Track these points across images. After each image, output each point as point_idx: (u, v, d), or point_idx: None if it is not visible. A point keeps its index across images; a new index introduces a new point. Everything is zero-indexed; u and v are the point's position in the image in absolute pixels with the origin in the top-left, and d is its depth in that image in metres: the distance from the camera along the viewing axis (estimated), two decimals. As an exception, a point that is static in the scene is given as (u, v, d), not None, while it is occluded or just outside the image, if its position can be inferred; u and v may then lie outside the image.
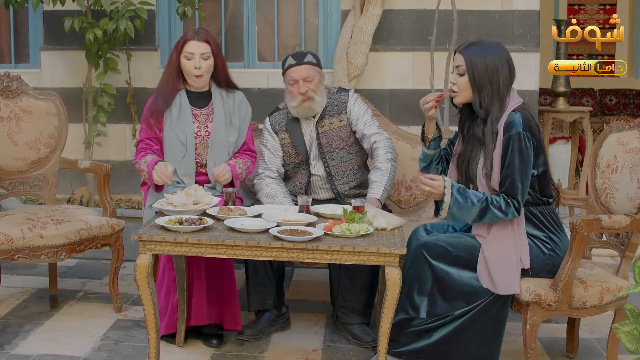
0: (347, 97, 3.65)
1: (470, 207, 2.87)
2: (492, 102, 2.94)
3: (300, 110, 3.55)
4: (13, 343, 3.39)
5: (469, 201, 2.87)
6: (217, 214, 3.09)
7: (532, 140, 2.89)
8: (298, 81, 3.50)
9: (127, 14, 4.82)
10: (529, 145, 2.88)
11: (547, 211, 3.00)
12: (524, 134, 2.87)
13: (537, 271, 2.96)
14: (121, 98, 5.23)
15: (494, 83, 2.92)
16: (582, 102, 9.03)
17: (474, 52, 2.95)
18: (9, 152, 3.97)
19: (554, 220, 3.01)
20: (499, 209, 2.86)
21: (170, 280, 3.36)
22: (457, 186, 2.90)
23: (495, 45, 3.01)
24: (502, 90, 2.94)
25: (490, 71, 2.92)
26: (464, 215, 2.91)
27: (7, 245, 3.45)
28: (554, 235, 2.98)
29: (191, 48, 3.51)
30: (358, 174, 3.67)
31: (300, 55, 3.55)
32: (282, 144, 3.66)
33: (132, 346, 3.38)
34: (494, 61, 2.93)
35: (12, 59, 5.65)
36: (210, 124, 3.60)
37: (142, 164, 3.48)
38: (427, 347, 2.99)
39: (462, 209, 2.88)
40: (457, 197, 2.87)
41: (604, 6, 9.54)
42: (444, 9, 4.84)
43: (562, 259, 2.93)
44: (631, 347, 2.21)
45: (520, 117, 2.90)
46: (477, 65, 2.93)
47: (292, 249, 2.81)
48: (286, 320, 3.60)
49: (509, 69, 2.96)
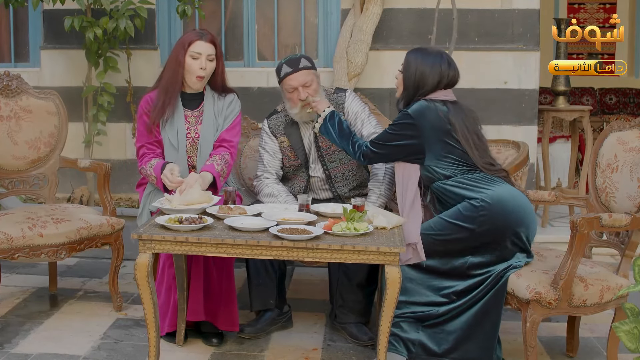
0: (343, 98, 3.62)
1: (337, 127, 3.34)
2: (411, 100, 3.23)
3: (303, 115, 3.53)
4: (13, 342, 3.39)
5: (336, 127, 3.34)
6: (217, 213, 3.09)
7: (412, 123, 3.11)
8: (297, 88, 3.46)
9: (127, 12, 4.82)
10: (404, 122, 3.13)
11: (477, 176, 3.11)
12: (405, 112, 3.15)
13: (479, 228, 3.03)
14: (121, 97, 5.23)
15: (418, 89, 3.19)
16: (582, 101, 9.03)
17: (412, 57, 3.24)
18: (9, 151, 3.97)
19: (485, 180, 3.11)
20: (353, 145, 3.29)
21: (170, 278, 3.36)
22: (335, 113, 3.38)
23: (434, 55, 3.24)
24: (421, 95, 3.19)
25: (418, 79, 3.19)
26: (329, 134, 3.38)
27: (7, 244, 3.45)
28: (483, 189, 3.07)
29: (198, 48, 3.48)
30: (357, 174, 3.66)
31: (295, 62, 3.49)
32: (281, 147, 3.65)
33: (132, 345, 3.38)
34: (424, 70, 3.19)
35: (12, 58, 5.65)
36: (200, 126, 3.59)
37: (149, 169, 3.45)
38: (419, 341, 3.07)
39: (332, 129, 3.35)
40: (327, 122, 3.36)
41: (604, 5, 9.54)
42: (444, 7, 4.83)
43: (497, 206, 3.02)
44: (631, 345, 2.21)
45: (421, 104, 3.15)
46: (409, 68, 3.22)
47: (292, 248, 2.81)
48: (288, 319, 3.60)
49: (439, 78, 3.19)
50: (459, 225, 3.05)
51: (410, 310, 3.11)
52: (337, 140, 3.37)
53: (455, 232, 3.06)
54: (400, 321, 3.10)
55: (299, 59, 3.51)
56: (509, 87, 5.26)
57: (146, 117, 3.53)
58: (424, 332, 3.09)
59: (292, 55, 3.55)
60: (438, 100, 3.17)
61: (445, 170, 3.13)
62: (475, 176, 3.12)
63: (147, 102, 3.57)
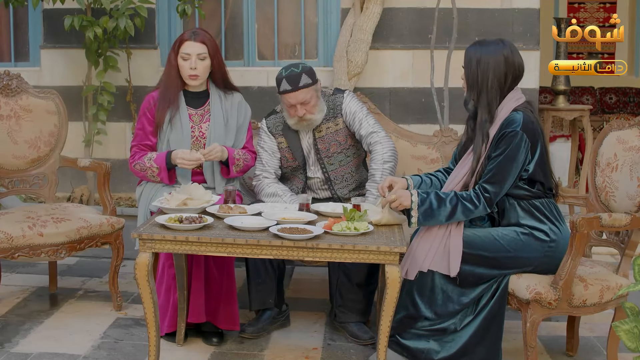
0: (341, 99, 3.57)
1: (439, 209, 2.88)
2: (479, 102, 2.97)
3: (299, 126, 3.52)
4: (13, 341, 3.39)
5: (434, 204, 2.87)
6: (217, 212, 3.09)
7: (527, 141, 2.88)
8: (295, 105, 3.42)
9: (127, 12, 4.82)
10: (522, 146, 2.87)
11: (547, 203, 3.01)
12: (520, 133, 2.87)
13: (537, 264, 2.95)
14: (121, 96, 5.23)
15: (483, 83, 2.94)
16: (582, 100, 9.03)
17: (472, 51, 2.99)
18: (9, 151, 3.97)
19: (556, 211, 3.02)
20: (470, 201, 2.88)
21: (170, 278, 3.36)
22: (421, 196, 2.89)
23: (494, 43, 2.99)
24: (491, 91, 2.94)
25: (482, 71, 2.94)
26: (435, 218, 2.90)
27: (7, 243, 3.45)
28: (554, 226, 2.98)
29: (187, 49, 3.50)
30: (356, 175, 3.65)
31: (295, 79, 3.38)
32: (279, 147, 3.63)
33: (132, 344, 3.38)
34: (487, 60, 2.94)
35: (12, 57, 5.65)
36: (204, 125, 3.59)
37: (147, 162, 3.46)
38: (427, 350, 3.01)
39: (432, 213, 2.88)
40: (422, 206, 2.88)
41: (604, 4, 9.54)
42: (444, 7, 4.83)
43: (562, 251, 2.93)
44: (631, 345, 2.21)
45: (521, 117, 2.90)
46: (471, 63, 2.96)
47: (292, 247, 2.81)
48: (286, 317, 3.61)
49: (505, 68, 2.95)
50: (517, 256, 2.93)
51: (430, 323, 3.00)
52: (449, 219, 2.89)
53: (511, 260, 2.94)
54: (414, 333, 3.02)
55: (299, 75, 3.39)
56: (509, 87, 5.25)
57: (149, 114, 3.56)
58: (435, 342, 3.01)
59: (293, 67, 3.42)
60: (521, 107, 2.93)
61: (519, 190, 2.95)
62: (545, 202, 2.98)
63: (149, 101, 3.60)
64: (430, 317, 2.99)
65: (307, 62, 3.47)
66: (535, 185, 2.97)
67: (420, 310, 3.00)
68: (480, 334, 2.97)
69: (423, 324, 3.01)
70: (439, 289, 2.97)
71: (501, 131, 2.90)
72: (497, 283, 2.97)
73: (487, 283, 2.96)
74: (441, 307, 2.97)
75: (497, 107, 2.97)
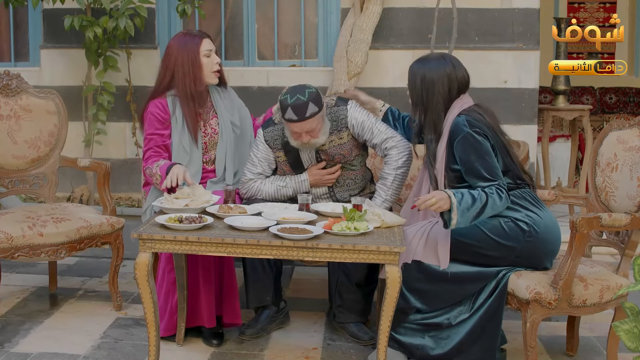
0: (345, 112, 3.44)
1: (471, 207, 2.88)
2: (425, 121, 3.08)
3: (302, 147, 3.43)
4: (13, 341, 3.39)
5: (469, 203, 2.87)
6: (217, 212, 3.09)
7: (483, 134, 2.95)
8: (300, 133, 3.32)
9: (127, 12, 4.82)
10: (479, 140, 2.94)
11: (522, 193, 3.04)
12: (469, 132, 2.94)
13: (520, 249, 2.98)
14: (121, 96, 5.23)
15: (429, 101, 3.04)
16: (582, 100, 9.03)
17: (415, 68, 3.08)
18: (9, 151, 3.97)
19: (531, 198, 3.05)
20: (497, 195, 2.90)
21: (169, 283, 3.36)
22: (457, 196, 2.89)
23: (435, 60, 3.08)
24: (436, 108, 3.04)
25: (426, 89, 3.04)
26: (469, 218, 2.90)
27: (7, 243, 3.45)
28: (531, 212, 3.01)
29: (208, 46, 3.53)
30: (361, 183, 3.59)
31: (301, 109, 3.23)
32: (277, 160, 3.53)
33: (132, 344, 3.38)
34: (431, 77, 3.04)
35: (12, 57, 5.65)
36: (212, 121, 3.60)
37: (155, 168, 3.41)
38: (422, 346, 3.04)
39: (468, 212, 2.88)
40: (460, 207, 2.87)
41: (604, 4, 9.54)
42: (443, 7, 4.83)
43: (543, 234, 2.97)
44: (631, 345, 2.21)
45: (463, 119, 2.97)
46: (415, 81, 3.07)
47: (292, 247, 2.81)
48: (285, 315, 3.60)
49: (449, 84, 3.04)
50: (500, 243, 2.98)
51: (422, 317, 3.05)
52: (483, 214, 2.91)
53: (494, 249, 2.98)
54: (408, 327, 3.06)
55: (306, 104, 3.24)
56: (508, 87, 5.26)
57: (159, 123, 3.51)
58: (430, 338, 3.04)
59: (299, 94, 3.26)
60: (464, 112, 3.01)
61: None
62: (518, 192, 3.02)
63: (158, 108, 3.52)
64: (422, 309, 3.03)
65: (312, 86, 3.31)
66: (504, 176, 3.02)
67: (409, 302, 3.04)
68: (477, 333, 2.98)
69: (415, 317, 3.05)
70: (424, 280, 3.02)
71: (452, 141, 2.98)
72: (496, 282, 2.97)
73: (476, 282, 3.00)
74: (431, 299, 3.03)
75: (442, 123, 3.05)
